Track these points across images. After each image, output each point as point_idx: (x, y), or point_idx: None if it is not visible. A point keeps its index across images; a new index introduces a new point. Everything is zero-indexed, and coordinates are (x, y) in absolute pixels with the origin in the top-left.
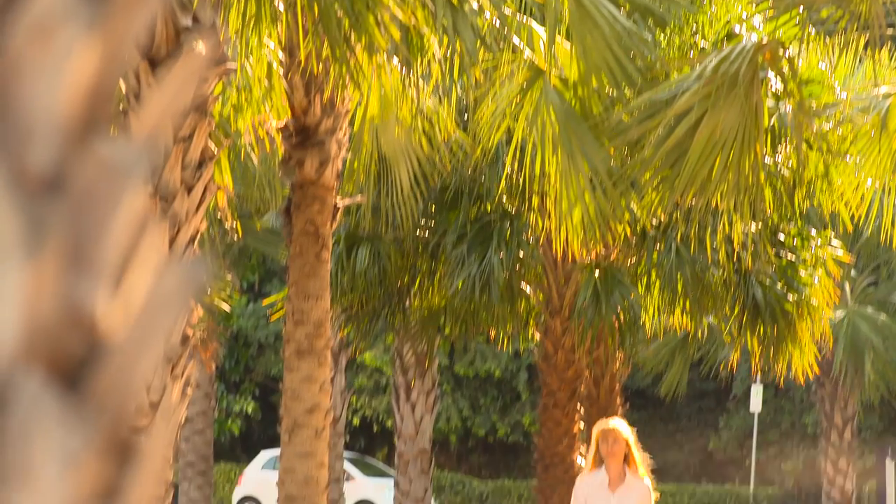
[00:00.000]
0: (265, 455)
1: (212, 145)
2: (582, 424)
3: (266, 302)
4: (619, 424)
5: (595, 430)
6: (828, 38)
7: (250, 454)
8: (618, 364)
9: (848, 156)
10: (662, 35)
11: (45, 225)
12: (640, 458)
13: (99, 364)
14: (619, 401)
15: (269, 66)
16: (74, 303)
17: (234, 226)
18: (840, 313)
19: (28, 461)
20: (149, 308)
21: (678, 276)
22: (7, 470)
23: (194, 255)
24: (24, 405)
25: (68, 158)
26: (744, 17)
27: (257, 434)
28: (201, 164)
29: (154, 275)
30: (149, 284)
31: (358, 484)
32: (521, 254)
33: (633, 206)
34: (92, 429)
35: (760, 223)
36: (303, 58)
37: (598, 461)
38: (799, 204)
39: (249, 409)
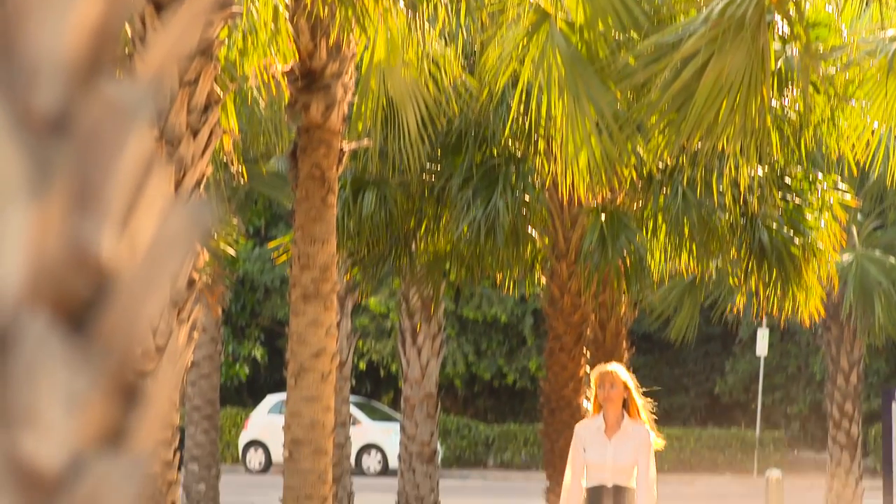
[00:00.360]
0: (271, 399)
1: (217, 89)
2: (588, 368)
3: (272, 244)
4: (616, 368)
5: (593, 375)
6: None
7: (256, 398)
8: (624, 308)
9: (854, 99)
10: None
11: (51, 166)
12: (641, 403)
13: (104, 305)
14: (625, 345)
15: (275, 9)
16: (80, 244)
17: (240, 170)
18: (848, 257)
19: (34, 402)
20: (154, 249)
21: (684, 220)
22: (13, 411)
23: (200, 198)
24: (29, 346)
25: (73, 99)
26: None
27: (263, 378)
28: (207, 108)
29: (160, 216)
30: (154, 226)
31: (364, 428)
32: (527, 198)
33: (640, 149)
34: (97, 370)
35: (767, 166)
36: (309, 1)
37: (598, 407)
38: (805, 147)
39: (256, 354)
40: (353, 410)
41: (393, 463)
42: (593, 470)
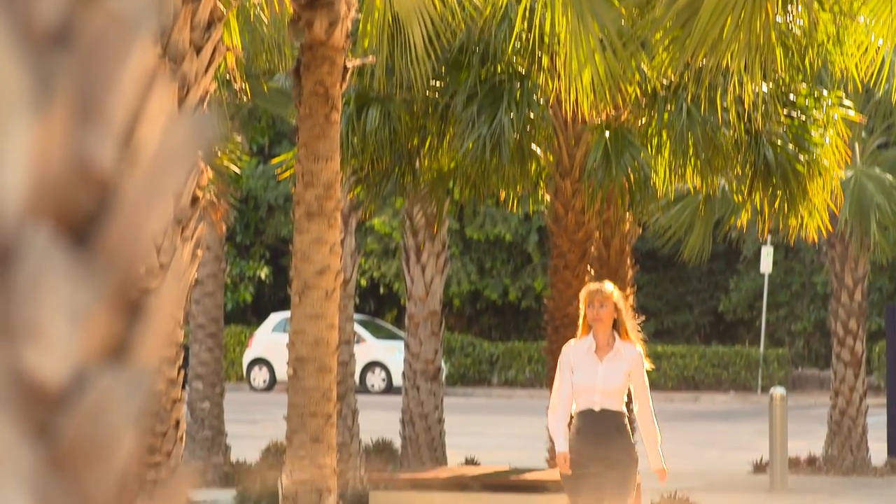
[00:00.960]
0: (275, 317)
1: (220, 6)
2: None
3: (275, 161)
4: (607, 287)
5: (582, 294)
6: None
7: (260, 317)
8: (628, 226)
9: (860, 16)
10: None
11: (53, 79)
12: (632, 324)
13: (107, 219)
14: (629, 262)
15: None
16: (83, 157)
17: (244, 87)
18: (848, 174)
19: (37, 316)
20: (157, 163)
21: (689, 137)
22: (16, 325)
23: (203, 114)
24: (32, 260)
25: (75, 11)
26: None
27: (267, 296)
28: (210, 25)
29: (162, 130)
30: (157, 140)
31: (368, 346)
32: (531, 115)
33: (644, 66)
34: (101, 284)
35: (771, 83)
36: None
37: (588, 327)
38: (810, 64)
39: (260, 272)
40: (357, 328)
41: (397, 381)
42: (582, 393)
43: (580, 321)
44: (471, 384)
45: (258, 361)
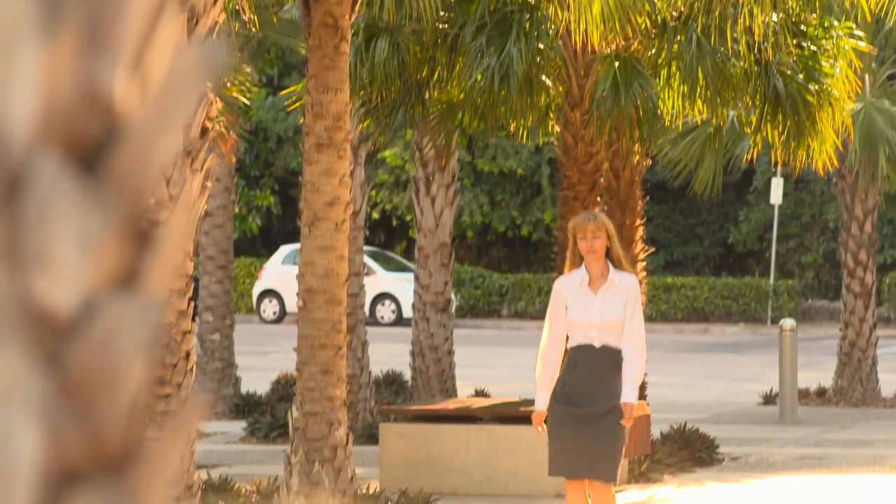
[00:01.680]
0: (285, 249)
1: None
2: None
3: (284, 92)
4: (597, 216)
5: (571, 225)
6: None
7: (270, 249)
8: (637, 157)
9: None
10: None
11: (61, 6)
12: (624, 253)
13: (116, 146)
14: (638, 194)
15: None
16: (91, 84)
17: (252, 18)
18: (857, 106)
19: (46, 244)
20: (166, 90)
21: (698, 68)
22: (25, 253)
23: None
24: (41, 187)
25: None
26: None
27: (277, 229)
28: None
29: (171, 59)
30: (166, 68)
31: (378, 278)
32: (541, 46)
33: None
34: (110, 211)
35: (781, 13)
36: None
37: (578, 260)
38: None
39: (266, 202)
40: (367, 260)
41: (407, 312)
42: (578, 329)
43: (568, 254)
44: (480, 316)
45: (268, 293)
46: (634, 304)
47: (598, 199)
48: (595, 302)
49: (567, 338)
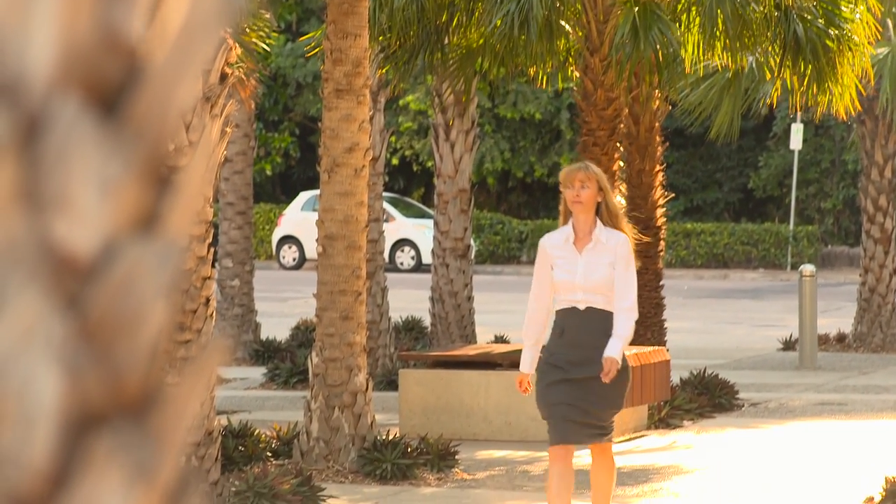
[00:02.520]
0: (304, 196)
1: None
2: (621, 163)
3: (303, 38)
4: (588, 165)
5: (561, 175)
6: None
7: (290, 195)
8: (657, 103)
9: None
10: None
11: None
12: (617, 207)
13: (136, 89)
14: (658, 139)
15: None
16: (111, 26)
17: None
18: (883, 49)
19: (66, 187)
20: (185, 33)
21: (718, 12)
22: (45, 196)
23: None
24: (61, 130)
25: None
26: None
27: (297, 175)
28: None
29: (190, 2)
30: (184, 11)
31: (397, 224)
32: None
33: None
34: (130, 154)
35: None
36: None
37: (568, 214)
38: None
39: (287, 145)
40: (387, 206)
41: (426, 258)
42: (563, 290)
43: (560, 208)
44: (500, 262)
45: (287, 239)
46: (624, 265)
47: (618, 144)
48: (580, 261)
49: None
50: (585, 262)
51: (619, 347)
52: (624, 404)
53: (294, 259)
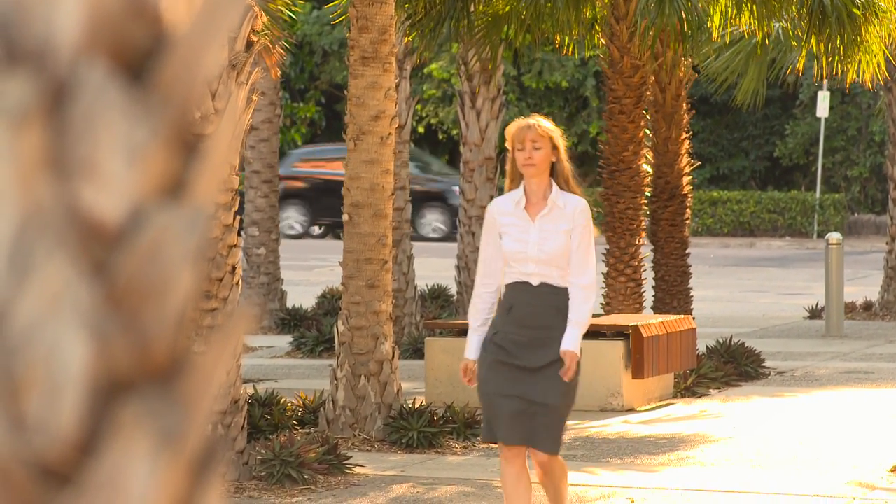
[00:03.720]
0: None
1: None
2: (647, 131)
3: (329, 6)
4: (541, 122)
5: (509, 132)
6: None
7: None
8: (683, 70)
9: None
10: None
11: None
12: (573, 171)
13: (163, 56)
14: (684, 107)
15: None
16: None
17: None
18: None
19: (93, 153)
20: (211, 1)
21: None
22: (73, 162)
23: None
24: (88, 96)
25: None
26: None
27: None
28: None
29: None
30: None
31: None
32: None
33: None
34: (157, 120)
35: None
36: None
37: (517, 178)
38: None
39: (313, 114)
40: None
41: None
42: (513, 262)
43: (507, 169)
44: None
45: None
46: (582, 233)
47: (644, 112)
48: (532, 230)
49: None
50: (539, 230)
51: (577, 338)
52: (575, 402)
53: (320, 227)
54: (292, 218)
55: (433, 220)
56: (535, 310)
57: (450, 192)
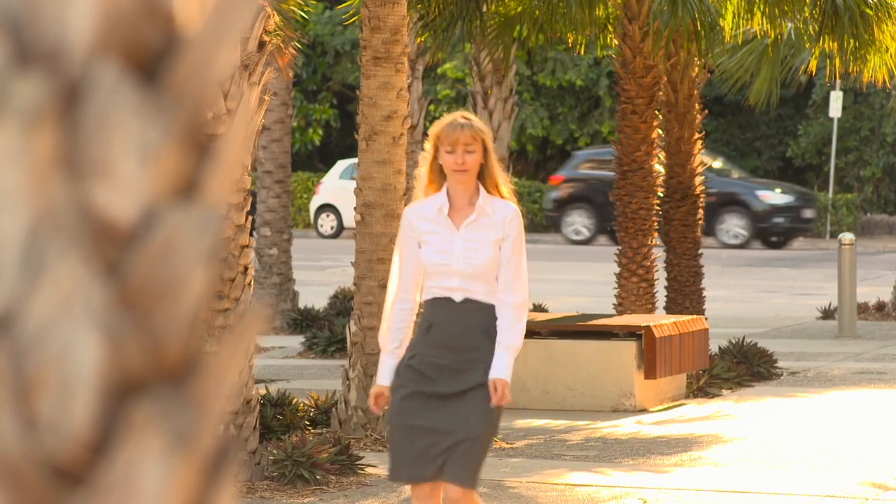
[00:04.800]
0: (342, 164)
1: None
2: (660, 131)
3: (341, 6)
4: (473, 122)
5: (434, 131)
6: None
7: (328, 164)
8: (696, 70)
9: None
10: None
11: None
12: (503, 176)
13: (175, 57)
14: (697, 107)
15: None
16: None
17: None
18: None
19: (106, 153)
20: (223, 2)
21: None
22: (85, 162)
23: None
24: (101, 96)
25: None
26: None
27: (335, 143)
28: None
29: None
30: None
31: None
32: None
33: None
34: (170, 121)
35: None
36: None
37: (438, 181)
38: None
39: (329, 117)
40: None
41: None
42: (434, 276)
43: (424, 171)
44: (538, 230)
45: (325, 208)
46: (513, 245)
47: (657, 112)
48: (457, 239)
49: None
50: (465, 240)
51: (508, 364)
52: (497, 432)
53: (332, 227)
54: (578, 223)
55: None
56: (457, 329)
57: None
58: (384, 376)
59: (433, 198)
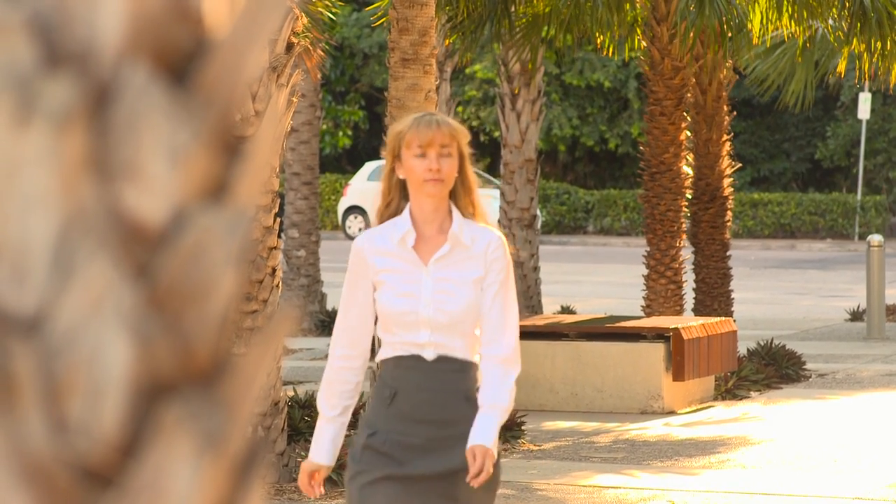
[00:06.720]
0: (370, 166)
1: None
2: (688, 133)
3: (369, 8)
4: (447, 121)
5: (395, 132)
6: None
7: (356, 165)
8: (724, 72)
9: None
10: None
11: None
12: (477, 195)
13: (205, 58)
14: (725, 109)
15: None
16: None
17: None
18: None
19: (136, 155)
20: (253, 2)
21: None
22: (115, 164)
23: None
24: (131, 98)
25: None
26: None
27: (363, 145)
28: None
29: None
30: None
31: None
32: None
33: None
34: (200, 123)
35: None
36: None
37: (398, 200)
38: None
39: (358, 119)
40: None
41: None
42: (396, 327)
43: (382, 186)
44: (566, 232)
45: (353, 209)
46: (500, 284)
47: (685, 114)
48: (425, 279)
49: (378, 342)
50: (435, 280)
51: (494, 429)
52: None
53: (360, 229)
54: None
55: None
56: (431, 396)
57: None
58: (322, 453)
59: (392, 224)
